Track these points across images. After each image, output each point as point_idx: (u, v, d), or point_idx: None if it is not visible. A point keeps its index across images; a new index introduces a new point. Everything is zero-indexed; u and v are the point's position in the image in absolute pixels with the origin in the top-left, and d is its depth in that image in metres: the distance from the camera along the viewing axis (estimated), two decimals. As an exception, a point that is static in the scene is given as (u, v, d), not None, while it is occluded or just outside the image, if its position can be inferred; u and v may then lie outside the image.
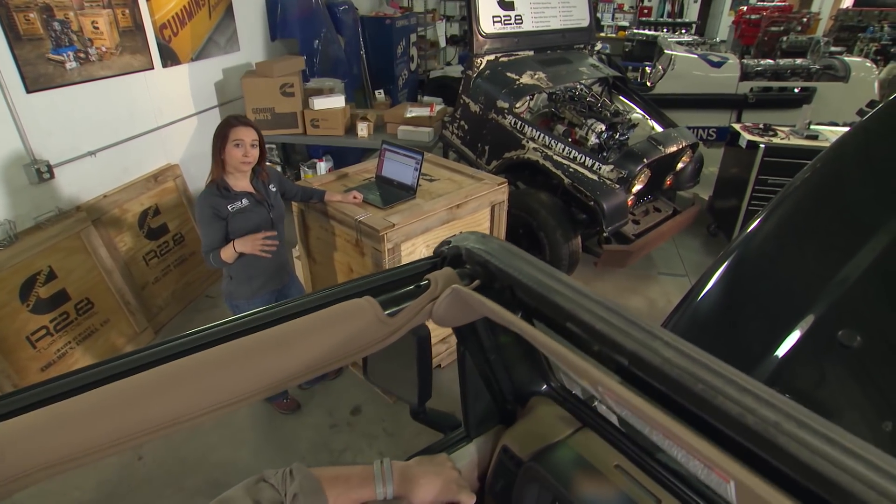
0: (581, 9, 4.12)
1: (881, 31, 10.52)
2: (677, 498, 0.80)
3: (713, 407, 0.44)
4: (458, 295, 0.65)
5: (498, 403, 1.00)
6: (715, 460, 0.40)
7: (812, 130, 3.83)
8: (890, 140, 2.03)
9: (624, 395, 0.45)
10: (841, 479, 0.37)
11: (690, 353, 0.48)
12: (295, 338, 0.59)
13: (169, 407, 0.52)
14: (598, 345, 0.53)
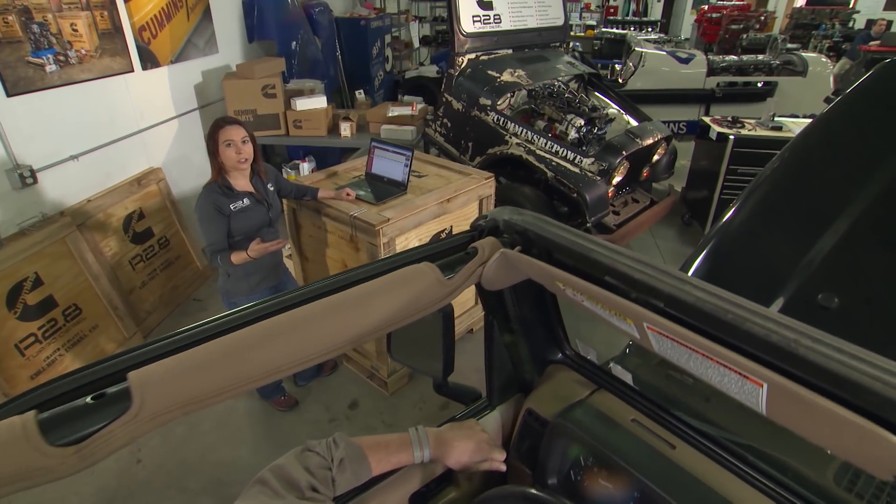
0: (556, 8, 4.24)
1: (833, 28, 11.06)
2: (689, 445, 0.89)
3: (742, 331, 0.53)
4: (505, 258, 0.72)
5: (518, 372, 1.08)
6: (750, 368, 0.49)
7: (776, 122, 4.04)
8: (849, 128, 2.19)
9: (671, 327, 0.53)
10: (851, 375, 0.46)
11: (717, 293, 0.57)
12: (371, 298, 0.65)
13: (274, 356, 0.58)
14: (637, 292, 0.61)
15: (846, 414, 0.45)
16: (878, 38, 9.19)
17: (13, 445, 0.47)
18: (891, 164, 1.86)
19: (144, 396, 0.51)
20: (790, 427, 0.54)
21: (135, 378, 0.52)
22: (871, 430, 0.44)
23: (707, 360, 0.55)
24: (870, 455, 0.46)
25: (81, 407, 0.51)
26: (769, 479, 0.82)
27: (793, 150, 2.21)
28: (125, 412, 0.51)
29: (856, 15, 11.94)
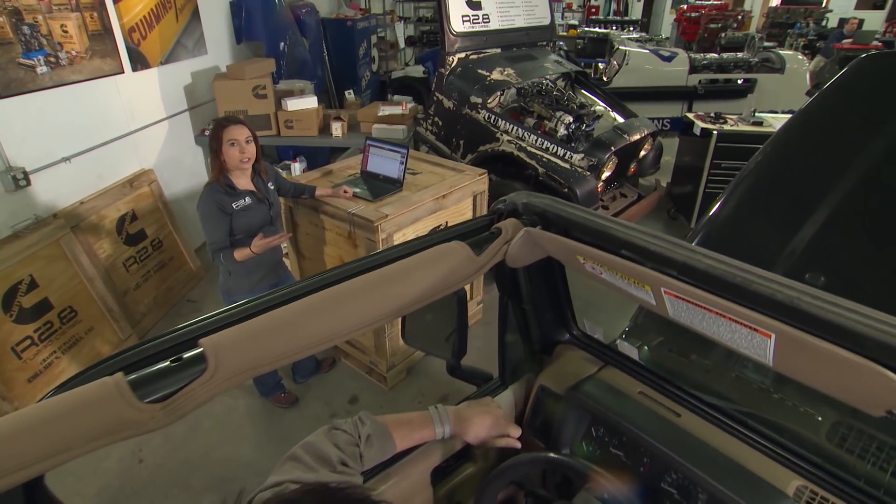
0: (542, 7, 4.32)
1: (807, 27, 11.36)
2: (693, 413, 0.96)
3: (750, 291, 0.59)
4: (529, 236, 0.78)
5: (529, 352, 1.13)
6: (759, 321, 0.55)
7: (757, 117, 4.17)
8: (827, 121, 2.29)
9: (686, 289, 0.59)
10: (849, 324, 0.52)
11: (725, 260, 0.63)
12: (411, 272, 0.70)
13: (327, 325, 0.63)
14: (652, 262, 0.67)
15: (847, 355, 0.52)
16: (851, 36, 9.48)
17: (110, 402, 0.51)
18: (867, 153, 1.95)
19: (219, 360, 0.55)
20: (794, 375, 0.60)
21: (208, 344, 0.56)
22: (869, 367, 0.50)
23: (719, 318, 0.61)
24: (866, 392, 0.52)
25: (164, 369, 0.55)
26: (768, 441, 0.89)
27: (775, 144, 2.30)
28: (203, 373, 0.55)
29: (829, 14, 12.28)
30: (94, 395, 0.51)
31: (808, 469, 0.84)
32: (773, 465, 0.86)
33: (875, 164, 1.88)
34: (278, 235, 2.25)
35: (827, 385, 0.58)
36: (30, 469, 0.47)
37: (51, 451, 0.48)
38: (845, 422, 1.06)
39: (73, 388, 0.52)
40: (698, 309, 0.63)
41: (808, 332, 0.54)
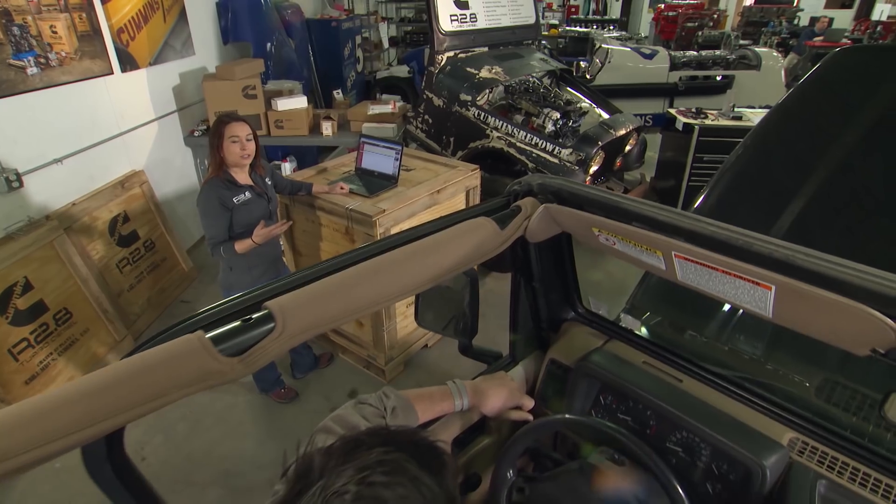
0: (527, 7, 4.41)
1: (780, 25, 11.69)
2: (693, 378, 1.03)
3: (752, 252, 0.66)
4: (548, 211, 0.85)
5: (537, 329, 1.20)
6: (760, 274, 0.62)
7: (736, 112, 4.31)
8: (804, 114, 2.40)
9: (695, 250, 0.66)
10: (837, 275, 0.60)
11: (727, 227, 0.70)
12: (446, 243, 0.77)
13: (376, 290, 0.69)
14: (662, 231, 0.74)
15: (837, 298, 0.59)
16: (822, 34, 9.78)
17: (195, 356, 0.56)
18: (842, 142, 2.06)
19: (285, 319, 0.61)
20: (791, 325, 0.67)
21: (274, 305, 0.62)
22: (857, 308, 0.58)
23: (725, 275, 0.68)
24: (853, 332, 0.60)
25: (239, 327, 0.60)
26: (762, 400, 0.97)
27: (754, 137, 2.41)
28: (272, 332, 0.61)
29: (800, 13, 12.65)
30: (180, 349, 0.56)
31: (799, 423, 0.92)
32: (768, 421, 0.94)
33: (849, 152, 1.99)
34: (279, 223, 2.28)
35: (819, 330, 0.65)
36: (124, 415, 0.52)
37: (142, 400, 0.53)
38: (831, 379, 1.15)
39: (157, 346, 0.57)
40: (705, 269, 0.70)
41: (803, 282, 0.61)
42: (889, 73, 1.91)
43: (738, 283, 0.67)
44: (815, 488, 0.82)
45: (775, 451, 0.86)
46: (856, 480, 0.84)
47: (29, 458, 0.47)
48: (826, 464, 0.86)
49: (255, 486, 2.37)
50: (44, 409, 0.50)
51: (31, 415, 0.49)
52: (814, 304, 0.61)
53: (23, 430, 0.47)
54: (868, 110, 1.87)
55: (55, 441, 0.48)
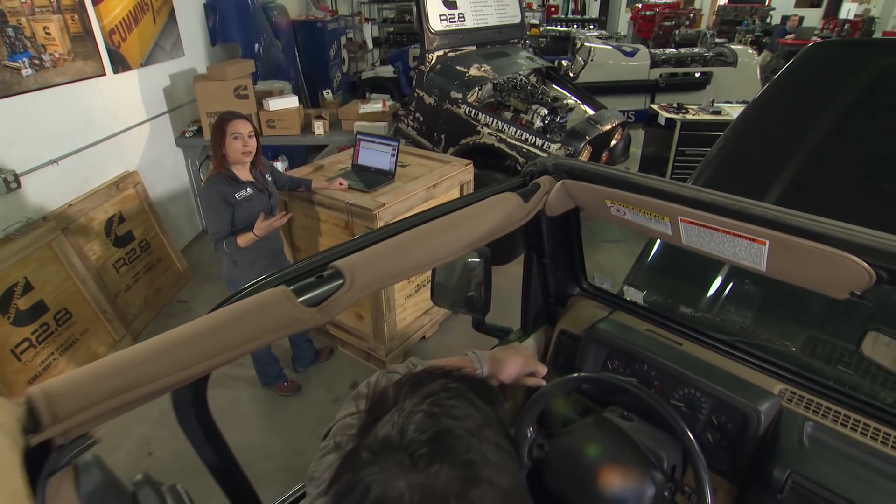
0: (513, 6, 4.52)
1: (754, 24, 12.03)
2: (691, 341, 1.14)
3: (747, 214, 0.76)
4: (565, 186, 0.94)
5: (546, 304, 1.29)
6: (755, 231, 0.72)
7: (716, 107, 4.48)
8: (780, 106, 2.53)
9: (699, 214, 0.75)
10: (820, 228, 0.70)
11: (725, 195, 0.80)
12: (479, 214, 0.85)
13: (425, 253, 0.77)
14: (667, 200, 0.83)
15: (822, 247, 0.69)
16: (793, 31, 10.12)
17: (281, 305, 0.64)
18: (815, 131, 2.19)
19: (353, 276, 0.69)
20: (782, 276, 0.77)
21: (342, 264, 0.70)
22: (838, 254, 0.68)
23: (724, 235, 0.78)
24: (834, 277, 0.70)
25: (314, 282, 0.68)
26: (755, 358, 1.07)
27: (734, 130, 2.53)
28: (342, 286, 0.69)
29: (772, 11, 13.04)
30: (268, 300, 0.64)
31: (787, 376, 1.03)
32: (760, 375, 1.04)
33: (823, 140, 2.12)
34: (280, 215, 2.34)
35: (806, 279, 0.75)
36: (221, 357, 0.59)
37: (237, 343, 0.60)
38: (813, 336, 1.27)
39: (244, 299, 0.64)
40: (707, 231, 0.79)
41: (792, 235, 0.71)
42: (857, 66, 2.05)
43: (736, 241, 0.77)
44: (803, 428, 0.93)
45: (768, 399, 0.97)
46: (837, 421, 0.94)
47: (141, 393, 0.54)
48: (812, 409, 0.97)
49: (264, 475, 2.43)
50: (150, 353, 0.57)
51: (141, 357, 0.56)
52: (801, 254, 0.71)
53: (134, 370, 0.54)
54: (839, 100, 2.00)
55: (167, 377, 0.55)
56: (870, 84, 1.94)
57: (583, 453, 0.92)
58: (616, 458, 0.92)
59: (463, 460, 0.49)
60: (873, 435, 0.91)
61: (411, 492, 0.46)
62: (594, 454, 0.93)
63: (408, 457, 0.49)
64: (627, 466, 0.91)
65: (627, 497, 0.88)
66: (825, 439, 0.91)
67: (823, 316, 1.40)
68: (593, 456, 0.93)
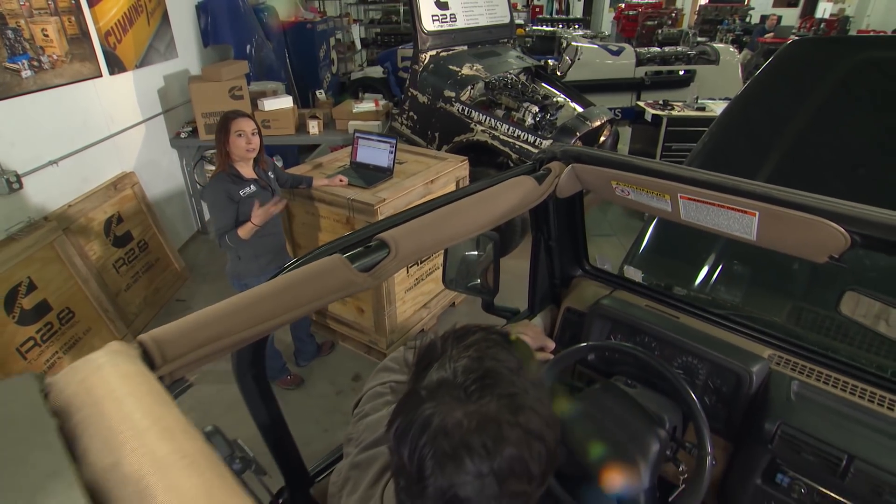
0: (502, 7, 4.62)
1: (734, 23, 12.30)
2: (687, 314, 1.23)
3: (740, 189, 0.85)
4: (574, 170, 1.03)
5: (551, 285, 1.38)
6: (747, 203, 0.81)
7: (700, 104, 4.62)
8: (762, 101, 2.65)
9: (696, 190, 0.85)
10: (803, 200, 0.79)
11: (719, 174, 0.89)
12: (501, 193, 0.94)
13: (454, 226, 0.85)
14: (667, 180, 0.92)
15: (805, 215, 0.78)
16: (772, 30, 10.38)
17: (338, 271, 0.72)
18: (794, 124, 2.31)
19: (398, 246, 0.77)
20: (770, 244, 0.86)
21: (387, 236, 0.78)
22: (818, 221, 0.77)
23: (719, 209, 0.87)
24: (815, 242, 0.79)
25: (363, 251, 0.76)
26: (746, 327, 1.17)
27: (719, 125, 2.65)
28: (389, 254, 0.76)
29: (751, 11, 13.34)
30: (326, 266, 0.72)
31: (775, 342, 1.13)
32: (751, 342, 1.14)
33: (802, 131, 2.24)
34: (274, 200, 2.37)
35: (790, 245, 0.84)
36: (288, 315, 0.66)
37: (301, 303, 0.67)
38: (797, 307, 1.37)
39: (302, 266, 0.72)
40: (704, 206, 0.89)
41: (779, 206, 0.80)
42: (833, 61, 2.17)
43: (729, 214, 0.86)
44: (790, 387, 1.03)
45: (758, 362, 1.06)
46: (820, 380, 1.05)
47: (228, 342, 0.62)
48: (797, 370, 1.07)
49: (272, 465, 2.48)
50: (234, 308, 0.64)
51: (228, 311, 0.63)
52: (787, 223, 0.80)
53: (222, 323, 0.62)
54: (816, 94, 2.13)
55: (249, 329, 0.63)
56: (844, 77, 2.06)
57: (595, 414, 1.01)
58: (624, 418, 1.01)
59: (508, 392, 0.57)
60: (851, 390, 1.02)
61: (468, 419, 0.55)
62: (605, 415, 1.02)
63: (462, 391, 0.57)
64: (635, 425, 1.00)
65: (636, 452, 0.97)
66: (810, 395, 1.01)
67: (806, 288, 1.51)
68: (605, 416, 1.01)
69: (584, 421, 1.01)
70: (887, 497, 0.87)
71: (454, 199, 0.90)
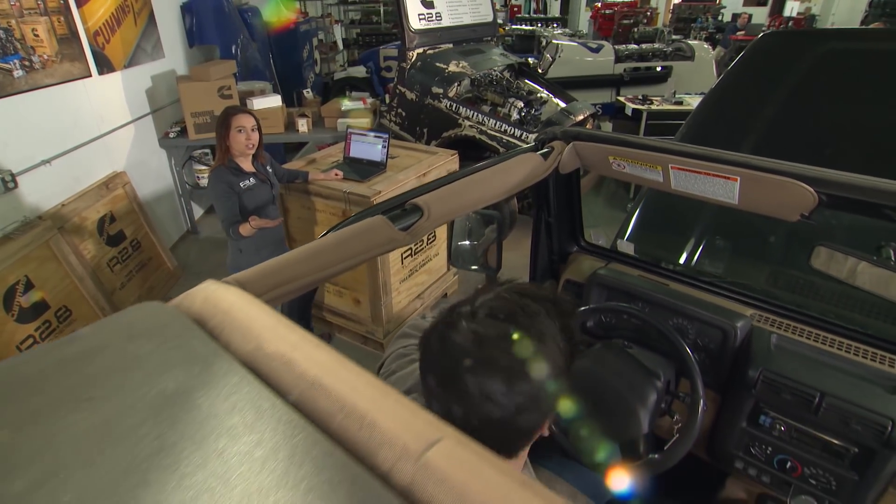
0: (485, 6, 4.73)
1: (707, 21, 12.65)
2: (675, 281, 1.35)
3: (723, 158, 0.96)
4: (575, 147, 1.13)
5: (550, 262, 1.49)
6: (729, 170, 0.93)
7: (677, 98, 4.80)
8: (734, 92, 2.78)
9: (684, 160, 0.96)
10: (776, 166, 0.91)
11: (703, 147, 1.00)
12: (510, 168, 1.03)
13: (472, 196, 0.94)
14: (659, 153, 1.03)
15: (780, 178, 0.90)
16: (743, 28, 10.72)
17: (382, 229, 0.81)
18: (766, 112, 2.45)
19: (430, 209, 0.86)
20: (749, 206, 0.98)
21: (419, 200, 0.87)
22: (791, 183, 0.89)
23: (706, 176, 0.98)
24: (788, 202, 0.91)
25: (401, 213, 0.85)
26: (730, 291, 1.29)
27: (696, 117, 2.78)
28: (422, 216, 0.86)
29: (723, 9, 13.73)
30: (372, 225, 0.81)
31: (756, 303, 1.26)
32: (735, 304, 1.26)
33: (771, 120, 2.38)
34: (273, 221, 2.47)
35: (767, 206, 0.96)
36: (340, 265, 0.75)
37: (351, 256, 0.76)
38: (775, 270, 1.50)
39: (350, 225, 0.81)
40: (692, 174, 1.00)
41: (757, 171, 0.92)
42: (800, 52, 2.32)
43: (715, 180, 0.97)
44: (770, 339, 1.15)
45: (741, 319, 1.18)
46: (796, 333, 1.17)
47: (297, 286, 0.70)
48: (776, 325, 1.20)
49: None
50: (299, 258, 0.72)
51: (294, 261, 0.71)
52: (764, 186, 0.92)
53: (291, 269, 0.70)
54: (786, 83, 2.27)
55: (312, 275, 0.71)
56: (811, 67, 2.21)
57: (598, 369, 1.12)
58: (625, 371, 1.12)
59: (535, 323, 0.67)
60: (822, 341, 1.14)
61: (497, 331, 0.64)
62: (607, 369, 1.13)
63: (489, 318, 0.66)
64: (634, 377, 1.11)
65: (635, 400, 1.08)
66: (787, 346, 1.13)
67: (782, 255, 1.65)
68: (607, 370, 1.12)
69: (588, 374, 1.12)
70: (853, 425, 0.99)
71: (474, 172, 0.99)
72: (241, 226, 2.39)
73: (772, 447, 1.11)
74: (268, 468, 0.30)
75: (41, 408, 0.35)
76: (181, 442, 0.32)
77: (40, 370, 0.40)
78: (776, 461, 1.11)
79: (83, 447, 0.32)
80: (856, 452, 1.01)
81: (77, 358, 0.41)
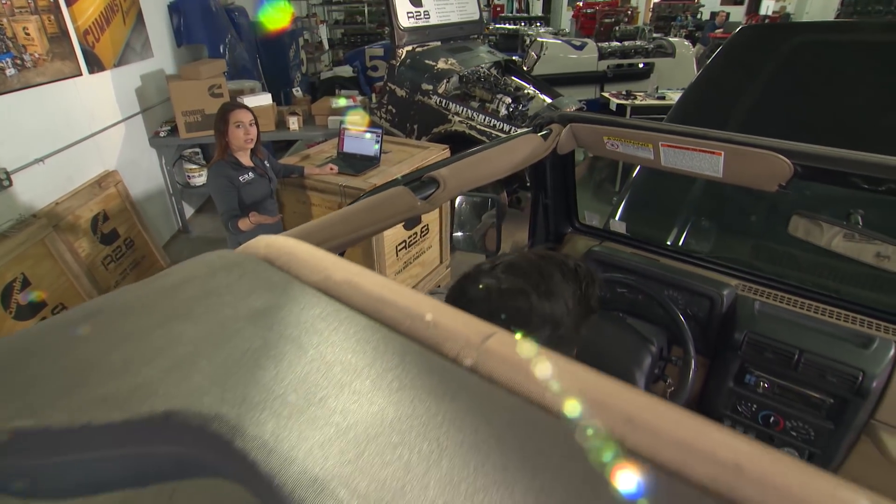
0: (472, 4, 4.81)
1: (687, 19, 12.91)
2: (665, 258, 1.44)
3: (708, 136, 1.05)
4: (571, 129, 1.21)
5: (546, 241, 1.57)
6: (714, 146, 1.02)
7: (660, 93, 4.93)
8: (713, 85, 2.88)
9: (674, 137, 1.04)
10: (757, 141, 1.00)
11: (690, 127, 1.09)
12: (513, 148, 1.11)
13: (482, 170, 1.02)
14: (650, 132, 1.12)
15: (759, 150, 0.99)
16: (721, 26, 10.98)
17: (404, 198, 0.88)
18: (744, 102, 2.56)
19: (446, 181, 0.93)
20: (733, 180, 1.07)
21: (436, 174, 0.94)
22: (770, 154, 0.98)
23: (693, 152, 1.07)
24: (767, 174, 1.00)
25: (420, 184, 0.92)
26: (716, 265, 1.39)
27: (677, 110, 2.88)
28: (438, 187, 0.93)
29: (702, 8, 14.02)
30: (395, 194, 0.87)
31: (740, 274, 1.35)
32: (721, 275, 1.36)
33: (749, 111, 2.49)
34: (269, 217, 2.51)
35: (749, 178, 1.05)
36: (368, 229, 0.81)
37: (378, 220, 0.83)
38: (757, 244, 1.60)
39: (377, 194, 0.87)
40: (680, 151, 1.08)
41: (739, 145, 1.01)
42: (776, 45, 2.44)
43: (701, 156, 1.06)
44: (754, 305, 1.24)
45: (727, 287, 1.28)
46: (777, 299, 1.27)
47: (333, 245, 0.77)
48: (759, 293, 1.29)
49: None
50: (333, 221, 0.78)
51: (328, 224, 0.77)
52: (746, 159, 1.01)
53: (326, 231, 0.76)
54: (763, 74, 2.39)
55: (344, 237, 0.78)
56: (786, 59, 2.33)
57: (596, 336, 1.20)
58: (621, 337, 1.20)
59: (546, 282, 0.74)
60: (801, 306, 1.24)
61: (507, 285, 0.71)
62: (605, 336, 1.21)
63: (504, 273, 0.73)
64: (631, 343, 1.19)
65: (632, 363, 1.16)
66: (770, 311, 1.23)
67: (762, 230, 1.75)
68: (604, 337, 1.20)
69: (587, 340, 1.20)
70: (829, 378, 1.09)
71: (483, 150, 1.07)
72: (241, 220, 2.44)
73: (756, 404, 1.21)
74: (358, 355, 0.37)
75: (150, 324, 0.42)
76: (281, 341, 0.39)
77: (138, 297, 0.46)
78: (761, 417, 1.20)
79: (199, 346, 0.38)
80: (831, 403, 1.11)
81: (170, 287, 0.47)
